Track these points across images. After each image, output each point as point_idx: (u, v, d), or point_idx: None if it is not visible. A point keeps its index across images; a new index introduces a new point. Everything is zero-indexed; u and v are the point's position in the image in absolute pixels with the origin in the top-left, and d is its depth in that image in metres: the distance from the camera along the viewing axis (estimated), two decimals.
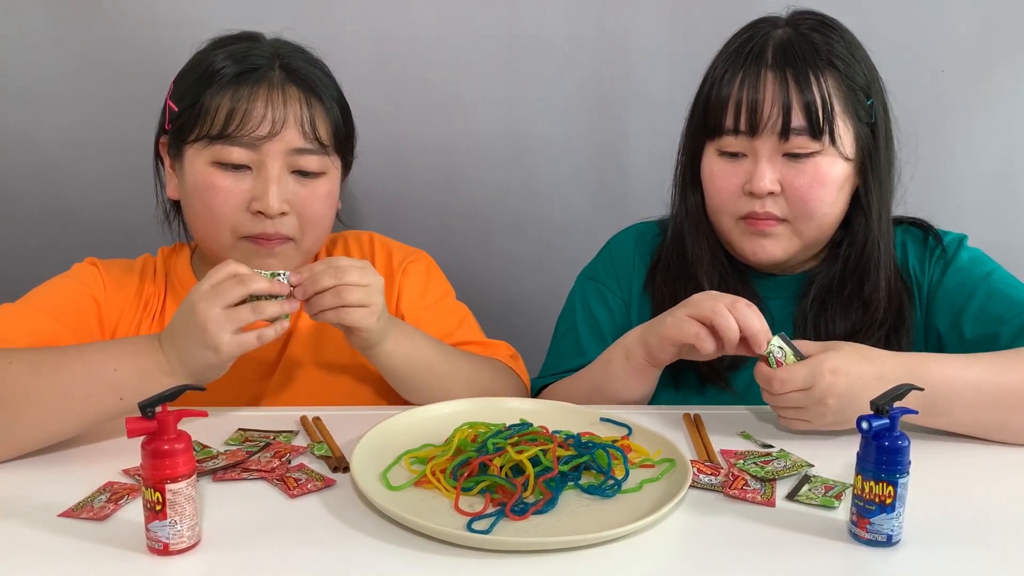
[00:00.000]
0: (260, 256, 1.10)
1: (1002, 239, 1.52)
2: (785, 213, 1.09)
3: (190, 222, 1.13)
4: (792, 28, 1.10)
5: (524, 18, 1.51)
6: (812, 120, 1.05)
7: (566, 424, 0.96)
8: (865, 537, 0.74)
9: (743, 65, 1.08)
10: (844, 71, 1.08)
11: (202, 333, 0.90)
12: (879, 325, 1.12)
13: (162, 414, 0.71)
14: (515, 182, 1.57)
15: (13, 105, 1.51)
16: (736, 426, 1.02)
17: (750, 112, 1.07)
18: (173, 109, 1.09)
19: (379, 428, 0.94)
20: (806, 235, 1.11)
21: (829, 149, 1.07)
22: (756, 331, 0.94)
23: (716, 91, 1.10)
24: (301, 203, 1.09)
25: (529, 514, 0.78)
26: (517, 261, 1.58)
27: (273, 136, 1.06)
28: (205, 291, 0.91)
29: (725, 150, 1.11)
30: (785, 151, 1.07)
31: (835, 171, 1.08)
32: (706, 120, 1.11)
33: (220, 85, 1.06)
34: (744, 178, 1.09)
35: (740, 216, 1.11)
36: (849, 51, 1.10)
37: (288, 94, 1.07)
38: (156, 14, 1.48)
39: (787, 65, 1.06)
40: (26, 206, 1.55)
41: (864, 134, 1.10)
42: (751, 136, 1.07)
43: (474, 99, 1.28)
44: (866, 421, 0.73)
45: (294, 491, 0.84)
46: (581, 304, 1.25)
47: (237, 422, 1.01)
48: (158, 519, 0.71)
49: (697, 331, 0.97)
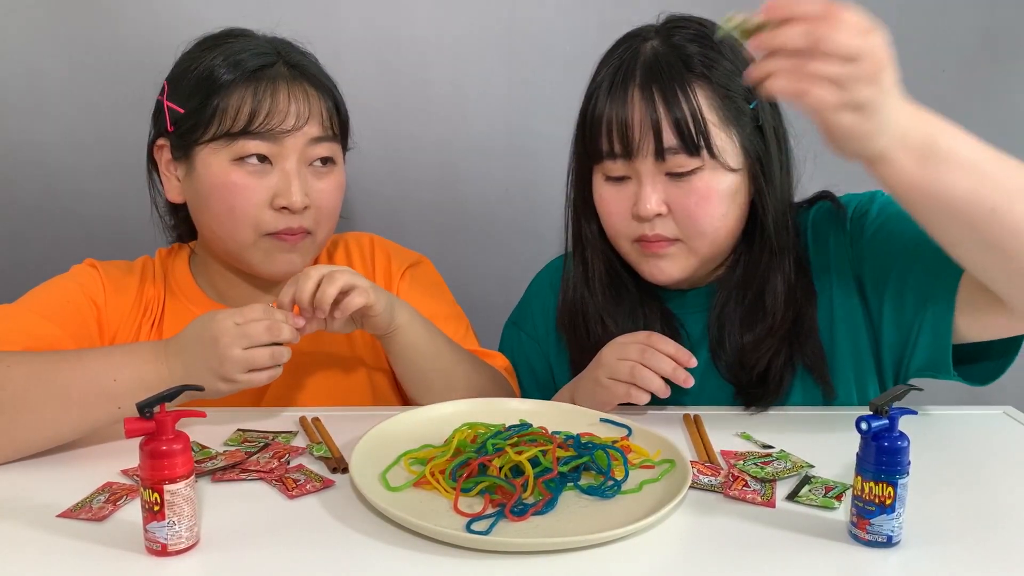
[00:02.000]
0: (283, 251, 1.10)
1: None
2: (676, 233, 1.05)
3: (205, 223, 1.12)
4: (663, 40, 1.04)
5: (524, 18, 1.51)
6: (684, 137, 1.00)
7: (566, 425, 0.96)
8: (865, 538, 0.74)
9: (612, 84, 1.04)
10: (717, 80, 1.02)
11: (219, 365, 0.91)
12: (776, 334, 1.07)
13: (160, 414, 0.71)
14: (515, 182, 1.57)
15: (13, 105, 1.51)
16: (736, 427, 1.02)
17: (621, 134, 1.02)
18: (177, 111, 1.09)
19: (378, 429, 0.94)
20: (701, 251, 1.07)
21: (710, 163, 1.02)
22: (671, 374, 0.98)
23: (591, 113, 1.06)
24: (319, 196, 1.11)
25: (528, 515, 0.78)
26: (517, 261, 1.57)
27: (297, 130, 1.07)
28: (231, 327, 0.92)
29: (610, 175, 1.06)
30: (666, 171, 1.02)
31: (721, 185, 1.03)
32: (585, 144, 1.07)
33: (234, 83, 1.06)
34: (631, 201, 1.05)
35: (633, 239, 1.07)
36: (716, 50, 1.04)
37: (304, 88, 1.09)
38: (156, 14, 1.48)
39: (653, 82, 1.01)
40: (25, 206, 1.56)
41: (751, 140, 1.04)
42: (628, 159, 1.03)
43: (474, 99, 1.28)
44: (865, 422, 0.73)
45: (293, 492, 0.83)
46: (508, 354, 1.26)
47: (236, 422, 1.01)
48: (156, 520, 0.71)
49: (626, 391, 1.01)
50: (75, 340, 1.06)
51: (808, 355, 1.07)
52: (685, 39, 1.04)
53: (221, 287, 1.19)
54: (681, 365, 0.99)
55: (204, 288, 1.19)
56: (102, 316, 1.12)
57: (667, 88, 1.01)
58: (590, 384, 1.05)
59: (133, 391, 0.90)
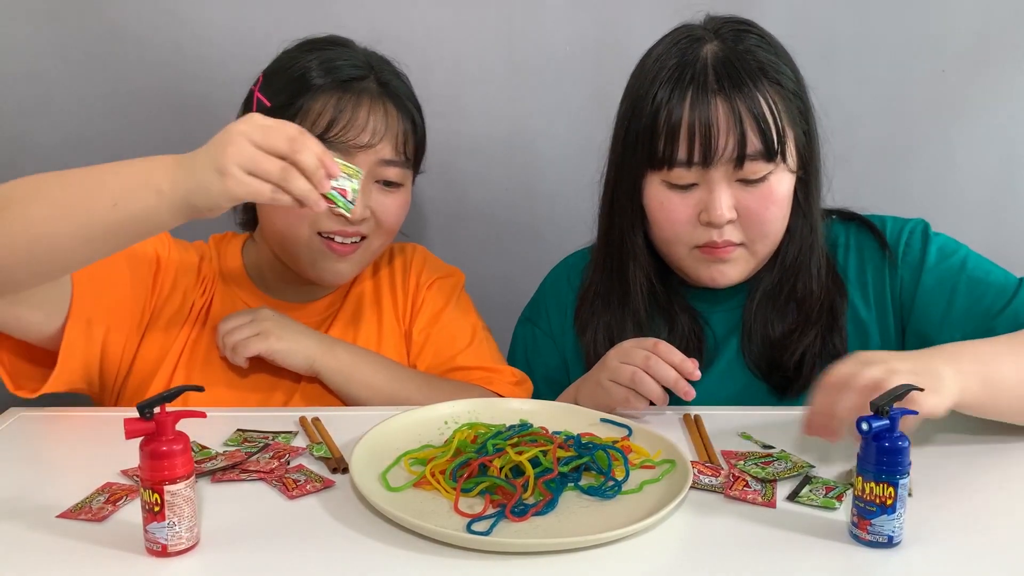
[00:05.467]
0: (330, 261, 1.14)
1: (1002, 239, 1.52)
2: (742, 238, 1.06)
3: (266, 214, 1.16)
4: (724, 43, 1.04)
5: (524, 18, 1.50)
6: (767, 144, 1.01)
7: (566, 425, 0.96)
8: (866, 538, 0.74)
9: (686, 90, 1.01)
10: (780, 80, 1.04)
11: (220, 152, 0.84)
12: (813, 323, 1.10)
13: (160, 415, 0.71)
14: (515, 183, 1.57)
15: (13, 105, 1.51)
16: (736, 427, 1.02)
17: (704, 143, 1.01)
18: (264, 103, 1.11)
19: (378, 429, 0.94)
20: (761, 253, 1.09)
21: (780, 167, 1.04)
22: (673, 383, 0.98)
23: (663, 121, 1.02)
24: (382, 210, 1.14)
25: (529, 515, 0.78)
26: (517, 261, 1.57)
27: (370, 147, 1.09)
28: (253, 123, 0.86)
29: (677, 182, 1.04)
30: (740, 177, 1.03)
31: (784, 187, 1.05)
32: (651, 150, 1.04)
33: (322, 88, 1.08)
34: (697, 207, 1.04)
35: (696, 245, 1.07)
36: (776, 54, 1.06)
37: (386, 108, 1.11)
38: (156, 14, 1.48)
39: (733, 88, 1.01)
40: None
41: (802, 140, 1.07)
42: (704, 167, 1.02)
43: (474, 100, 1.28)
44: (866, 422, 0.73)
45: (293, 492, 0.83)
46: (522, 352, 1.26)
47: (236, 423, 1.01)
48: (156, 520, 0.71)
49: (625, 396, 1.00)
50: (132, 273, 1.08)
51: (837, 345, 1.10)
52: (737, 38, 1.05)
53: (269, 279, 1.21)
54: (684, 377, 0.98)
55: (253, 278, 1.21)
56: (160, 272, 1.12)
57: (747, 95, 1.01)
58: (592, 385, 1.05)
59: (130, 185, 0.86)
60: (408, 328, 1.24)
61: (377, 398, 1.12)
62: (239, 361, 1.09)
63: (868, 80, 1.49)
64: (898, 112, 1.50)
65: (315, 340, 1.11)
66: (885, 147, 1.52)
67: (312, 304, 1.22)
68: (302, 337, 1.11)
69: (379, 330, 1.22)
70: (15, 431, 1.00)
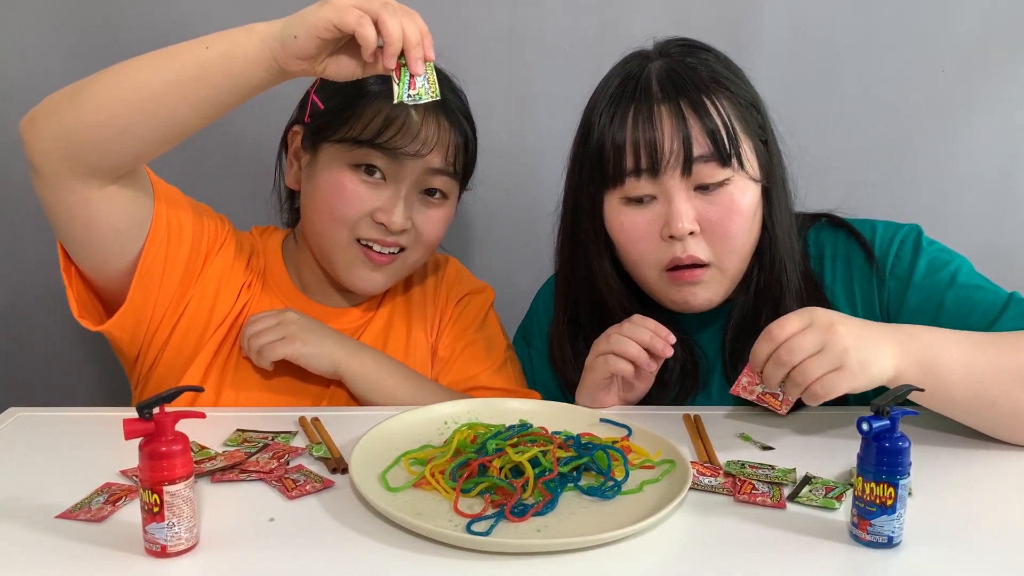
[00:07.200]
0: (366, 268, 1.14)
1: (1002, 240, 1.52)
2: (708, 255, 1.03)
3: (309, 214, 1.15)
4: (668, 57, 1.05)
5: (524, 17, 1.50)
6: (718, 145, 1.00)
7: (566, 425, 0.96)
8: (866, 538, 0.74)
9: (632, 105, 1.02)
10: (732, 90, 1.03)
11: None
12: None
13: (160, 415, 0.71)
14: (516, 182, 1.57)
15: (13, 105, 1.51)
16: (736, 427, 1.02)
17: (649, 149, 1.00)
18: (319, 106, 1.11)
19: (378, 429, 0.94)
20: (731, 272, 1.06)
21: (739, 173, 1.02)
22: (648, 342, 1.00)
23: (609, 137, 1.03)
24: (423, 222, 1.14)
25: (529, 516, 0.78)
26: (518, 261, 1.57)
27: (419, 155, 1.09)
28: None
29: (631, 196, 1.04)
30: (695, 184, 1.02)
31: (748, 197, 1.03)
32: (602, 168, 1.04)
33: (378, 95, 1.09)
34: (658, 222, 1.03)
35: (663, 267, 1.05)
36: (729, 69, 1.06)
37: (439, 120, 1.11)
38: (156, 14, 1.47)
39: (679, 95, 1.01)
40: (26, 206, 1.55)
41: (762, 151, 1.06)
42: (654, 175, 1.01)
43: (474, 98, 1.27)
44: (866, 423, 0.73)
45: (292, 492, 0.83)
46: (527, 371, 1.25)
47: (235, 423, 1.01)
48: (156, 521, 0.71)
49: (605, 360, 1.02)
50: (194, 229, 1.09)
51: None
52: (685, 54, 1.05)
53: (305, 278, 1.21)
54: (661, 338, 1.00)
55: (291, 274, 1.21)
56: (209, 254, 1.13)
57: (694, 99, 1.01)
58: (583, 375, 1.06)
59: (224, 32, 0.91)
60: (434, 342, 1.24)
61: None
62: (264, 364, 1.09)
63: (868, 80, 1.49)
64: (898, 112, 1.50)
65: (340, 344, 1.11)
66: (885, 147, 1.52)
67: (349, 311, 1.21)
68: (327, 341, 1.10)
69: (407, 341, 1.22)
70: (15, 431, 1.00)
